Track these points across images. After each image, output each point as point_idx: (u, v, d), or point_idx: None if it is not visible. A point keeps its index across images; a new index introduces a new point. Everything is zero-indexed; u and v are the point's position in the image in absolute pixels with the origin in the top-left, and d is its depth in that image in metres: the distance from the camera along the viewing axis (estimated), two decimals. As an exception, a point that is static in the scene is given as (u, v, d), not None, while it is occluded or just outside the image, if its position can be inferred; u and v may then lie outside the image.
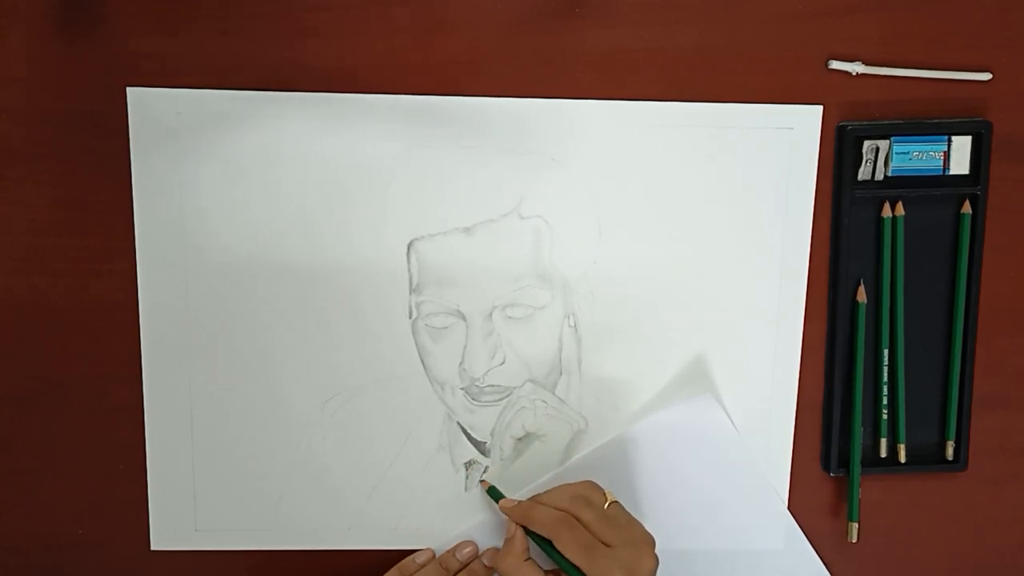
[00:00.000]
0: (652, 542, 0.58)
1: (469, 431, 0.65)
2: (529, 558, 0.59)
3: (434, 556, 0.65)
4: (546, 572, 0.59)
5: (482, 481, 0.65)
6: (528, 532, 0.60)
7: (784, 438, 0.67)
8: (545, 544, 0.59)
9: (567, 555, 0.57)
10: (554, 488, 0.61)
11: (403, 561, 0.64)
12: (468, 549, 0.64)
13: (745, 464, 0.66)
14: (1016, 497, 0.69)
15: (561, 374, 0.65)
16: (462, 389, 0.64)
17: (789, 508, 0.67)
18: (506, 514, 0.61)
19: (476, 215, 0.63)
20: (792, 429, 0.67)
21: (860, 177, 0.64)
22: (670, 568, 0.64)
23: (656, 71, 0.62)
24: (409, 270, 0.63)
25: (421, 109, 0.61)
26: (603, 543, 0.57)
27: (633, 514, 0.59)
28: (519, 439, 0.65)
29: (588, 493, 0.59)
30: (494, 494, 0.64)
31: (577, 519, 0.58)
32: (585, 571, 0.56)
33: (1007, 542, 0.70)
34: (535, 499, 0.61)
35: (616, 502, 0.59)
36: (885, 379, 0.66)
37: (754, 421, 0.66)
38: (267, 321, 0.63)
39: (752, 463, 0.66)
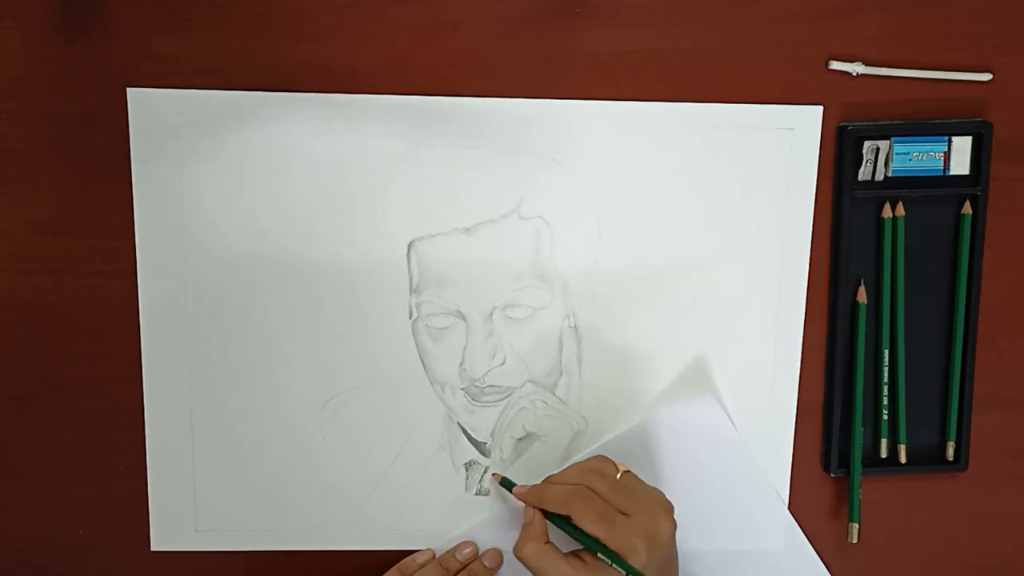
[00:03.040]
0: (669, 507, 0.57)
1: (469, 431, 0.65)
2: (549, 541, 0.58)
3: (434, 556, 0.65)
4: (566, 555, 0.57)
5: (494, 474, 0.65)
6: (546, 515, 0.59)
7: (784, 438, 0.67)
8: (563, 522, 0.58)
9: (585, 527, 0.56)
10: (565, 467, 0.61)
11: (403, 561, 0.64)
12: (468, 549, 0.64)
13: (745, 464, 0.66)
14: (1016, 497, 0.69)
15: (561, 374, 0.65)
16: (462, 389, 0.64)
17: (789, 508, 0.67)
18: (520, 499, 0.61)
19: (476, 215, 0.62)
20: (792, 429, 0.67)
21: (860, 177, 0.64)
22: (670, 568, 0.64)
23: (656, 72, 0.62)
24: (409, 270, 0.63)
25: (421, 109, 0.61)
26: (620, 512, 0.56)
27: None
28: (519, 439, 0.65)
29: (599, 465, 0.59)
30: (506, 484, 0.63)
31: (591, 491, 0.57)
32: (604, 541, 0.55)
33: (1007, 542, 0.70)
34: (547, 479, 0.61)
35: (629, 471, 0.59)
36: (885, 379, 0.66)
37: (754, 421, 0.66)
38: (267, 321, 0.63)
39: (752, 463, 0.66)
